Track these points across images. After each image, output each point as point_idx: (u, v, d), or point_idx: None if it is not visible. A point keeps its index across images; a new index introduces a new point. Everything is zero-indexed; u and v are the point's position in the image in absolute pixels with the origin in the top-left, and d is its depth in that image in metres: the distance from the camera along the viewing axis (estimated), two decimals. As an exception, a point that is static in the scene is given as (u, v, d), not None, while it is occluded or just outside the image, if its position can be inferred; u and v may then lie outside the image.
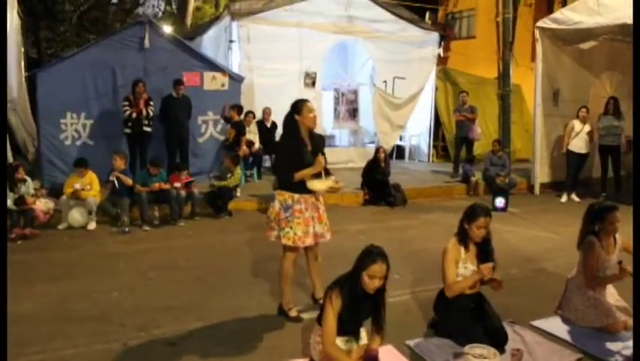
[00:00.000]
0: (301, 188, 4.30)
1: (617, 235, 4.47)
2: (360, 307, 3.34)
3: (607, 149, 10.34)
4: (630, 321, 4.32)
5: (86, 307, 4.70)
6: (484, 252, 4.12)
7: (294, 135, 4.37)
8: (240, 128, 9.70)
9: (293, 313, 4.54)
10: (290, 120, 4.43)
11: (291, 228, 4.32)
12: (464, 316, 4.06)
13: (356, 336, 3.51)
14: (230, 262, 6.21)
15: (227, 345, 4.04)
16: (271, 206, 4.49)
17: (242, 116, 10.01)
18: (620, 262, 4.30)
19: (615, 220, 4.34)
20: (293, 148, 4.34)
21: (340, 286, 3.30)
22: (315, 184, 4.31)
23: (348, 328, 3.36)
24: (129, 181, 7.76)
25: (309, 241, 4.39)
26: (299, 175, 4.25)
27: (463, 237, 4.14)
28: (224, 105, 9.80)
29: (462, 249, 4.13)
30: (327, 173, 4.44)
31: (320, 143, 4.53)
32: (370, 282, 3.25)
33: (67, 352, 3.86)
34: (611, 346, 4.10)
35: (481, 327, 3.96)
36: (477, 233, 4.06)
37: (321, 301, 4.56)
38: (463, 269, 4.10)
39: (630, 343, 4.11)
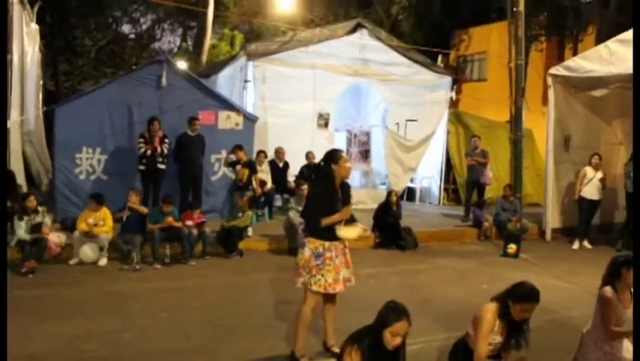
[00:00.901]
0: (331, 235, 4.40)
1: (632, 289, 4.42)
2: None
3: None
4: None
5: (97, 348, 4.69)
6: (518, 329, 3.93)
7: (329, 183, 4.47)
8: (252, 167, 9.77)
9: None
10: (326, 169, 4.51)
11: (322, 275, 4.41)
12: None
13: None
14: (242, 304, 6.19)
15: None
16: (300, 253, 4.55)
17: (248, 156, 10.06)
18: None
19: None
20: (327, 196, 4.46)
21: (359, 342, 3.25)
22: (344, 232, 4.44)
23: None
24: (144, 210, 7.94)
25: (340, 288, 4.51)
26: (327, 221, 4.36)
27: (504, 312, 3.89)
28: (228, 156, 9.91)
29: (498, 321, 3.92)
30: (353, 220, 4.63)
31: (348, 192, 4.62)
32: (392, 339, 3.21)
33: (78, 396, 3.83)
34: (628, 404, 4.03)
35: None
36: (520, 315, 3.87)
37: (333, 349, 4.56)
38: (490, 339, 4.00)
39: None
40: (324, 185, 4.52)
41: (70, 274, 7.08)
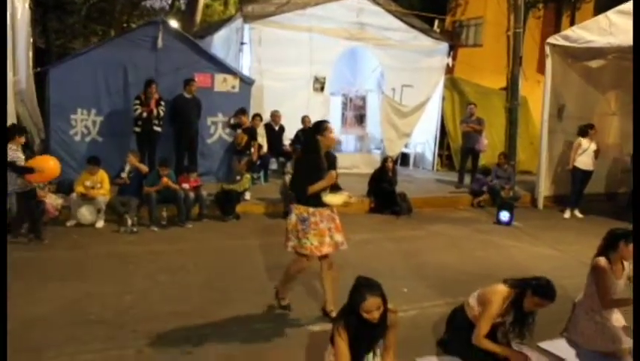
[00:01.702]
0: (316, 202, 4.56)
1: (624, 262, 4.52)
2: (369, 334, 3.38)
3: None
4: (636, 347, 4.40)
5: (98, 311, 4.74)
6: (522, 319, 3.97)
7: (314, 153, 4.62)
8: (252, 134, 9.75)
9: (285, 303, 5.00)
10: (311, 139, 4.68)
11: (307, 239, 4.58)
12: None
13: (368, 355, 3.55)
14: (239, 267, 6.26)
15: (240, 356, 4.10)
16: (289, 219, 4.69)
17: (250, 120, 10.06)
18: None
19: None
20: (312, 165, 4.63)
21: (344, 319, 3.32)
22: (330, 198, 4.57)
23: (359, 353, 3.38)
24: (145, 168, 8.05)
25: (326, 250, 4.65)
26: (312, 188, 4.53)
27: (517, 298, 3.94)
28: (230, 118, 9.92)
29: (507, 308, 3.99)
30: (338, 189, 4.80)
31: (333, 161, 4.76)
32: (369, 315, 3.25)
33: (83, 357, 3.91)
34: (617, 371, 4.17)
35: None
36: (532, 307, 3.94)
37: (332, 314, 4.66)
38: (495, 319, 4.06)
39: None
40: (309, 155, 4.68)
41: (69, 236, 7.12)
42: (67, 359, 3.88)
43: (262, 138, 10.51)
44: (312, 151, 4.64)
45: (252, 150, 9.77)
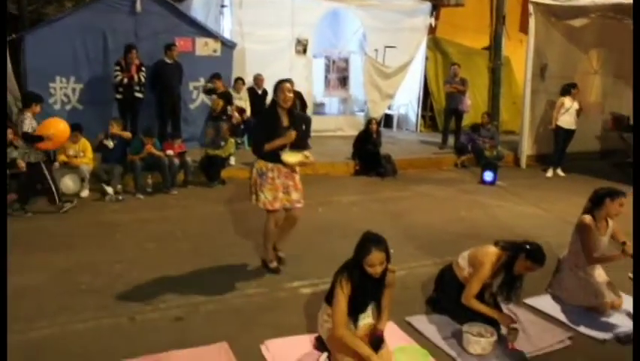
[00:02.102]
0: (275, 158, 4.76)
1: (608, 219, 4.61)
2: (367, 290, 3.43)
3: None
4: (617, 301, 4.52)
5: (88, 280, 4.75)
6: (511, 281, 4.02)
7: (270, 111, 4.88)
8: (227, 99, 9.65)
9: (273, 265, 5.11)
10: (272, 99, 4.93)
11: (262, 192, 4.82)
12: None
13: (362, 315, 3.61)
14: (227, 232, 6.27)
15: (232, 321, 4.14)
16: (251, 173, 4.92)
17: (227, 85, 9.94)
18: (623, 243, 4.45)
19: (622, 204, 4.47)
20: (268, 123, 4.85)
21: (348, 272, 3.37)
22: (286, 157, 4.75)
23: (356, 309, 3.45)
24: (128, 135, 7.99)
25: (277, 206, 4.86)
26: (269, 146, 4.72)
27: (509, 261, 3.97)
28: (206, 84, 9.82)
29: (498, 270, 4.04)
30: (304, 148, 4.94)
31: (299, 121, 4.92)
32: (372, 269, 3.32)
33: (76, 326, 3.92)
34: (600, 325, 4.29)
35: (478, 306, 4.09)
36: (522, 270, 3.96)
37: (279, 254, 5.17)
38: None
39: (618, 322, 4.33)
40: (266, 112, 5.02)
41: (54, 206, 7.03)
42: (60, 328, 3.89)
43: (245, 102, 10.43)
44: (269, 110, 4.92)
45: (233, 114, 9.66)
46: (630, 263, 4.49)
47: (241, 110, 10.18)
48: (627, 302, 4.55)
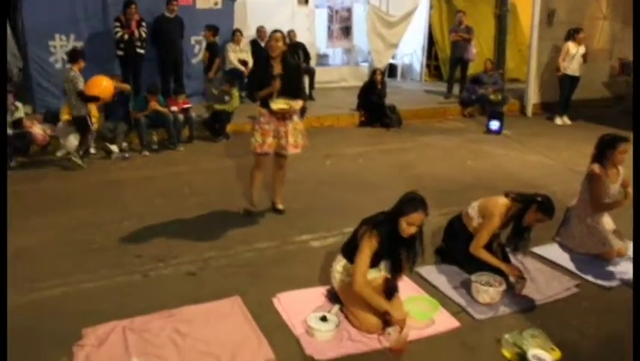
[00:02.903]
0: (267, 105, 4.97)
1: (619, 166, 4.60)
2: (393, 248, 3.46)
3: None
4: (624, 248, 4.56)
5: (99, 239, 4.80)
6: (520, 233, 4.06)
7: (262, 60, 5.21)
8: (213, 50, 9.51)
9: (249, 208, 5.39)
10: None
11: (254, 136, 5.09)
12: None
13: (377, 268, 3.65)
14: (234, 186, 6.27)
15: (244, 275, 4.19)
16: None
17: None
18: (625, 188, 4.47)
19: (624, 151, 4.46)
20: (259, 71, 5.23)
21: (378, 228, 3.36)
22: (271, 104, 4.91)
23: (374, 262, 3.48)
24: (127, 87, 7.91)
25: (265, 149, 5.07)
26: (260, 94, 4.98)
27: (519, 213, 3.99)
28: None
29: (507, 219, 4.07)
30: (296, 96, 5.00)
31: (290, 70, 4.98)
32: (408, 228, 3.33)
33: (90, 285, 3.98)
34: (606, 272, 4.34)
35: (487, 256, 4.13)
36: (532, 222, 3.99)
37: (277, 207, 5.44)
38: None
39: (624, 268, 4.38)
40: (260, 61, 5.40)
41: (59, 166, 7.06)
42: (73, 287, 3.94)
43: (247, 54, 10.30)
44: (263, 59, 5.17)
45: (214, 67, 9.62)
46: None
47: (244, 63, 10.08)
48: (632, 248, 4.59)
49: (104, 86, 7.14)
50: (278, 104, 4.89)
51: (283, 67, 4.94)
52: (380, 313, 3.36)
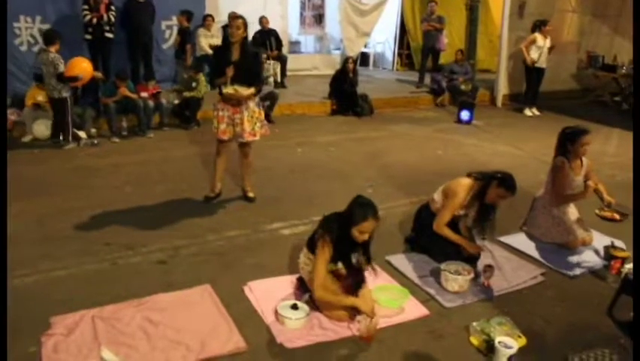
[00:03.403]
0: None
1: (583, 158, 4.70)
2: (349, 251, 3.45)
3: None
4: (588, 238, 4.68)
5: (68, 226, 4.73)
6: (485, 213, 4.15)
7: (222, 46, 5.31)
8: (185, 35, 9.41)
9: (210, 193, 5.43)
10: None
11: (214, 123, 5.14)
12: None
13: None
14: (205, 174, 6.20)
15: (214, 263, 4.18)
16: None
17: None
18: (585, 181, 4.57)
19: (586, 143, 4.55)
20: (218, 57, 5.30)
21: (330, 233, 3.34)
22: (224, 90, 4.99)
23: (336, 258, 3.48)
24: (100, 75, 7.76)
25: (224, 137, 5.11)
26: (217, 81, 5.08)
27: (481, 191, 4.08)
28: None
29: (470, 198, 4.14)
30: (252, 83, 5.00)
31: (248, 57, 4.97)
32: (360, 236, 3.33)
33: (59, 273, 3.92)
34: (571, 260, 4.44)
35: (456, 245, 4.20)
36: (494, 199, 4.07)
37: (248, 194, 5.47)
38: (456, 212, 4.20)
39: (588, 257, 4.49)
40: (219, 47, 5.53)
41: (27, 152, 6.95)
42: (42, 276, 3.88)
43: (217, 40, 10.18)
44: (222, 44, 5.22)
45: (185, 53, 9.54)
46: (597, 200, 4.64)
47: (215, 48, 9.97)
48: (596, 239, 4.71)
49: (83, 66, 7.10)
50: (226, 89, 4.93)
51: (240, 54, 4.94)
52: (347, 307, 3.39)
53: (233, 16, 5.04)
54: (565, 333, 3.46)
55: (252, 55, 5.04)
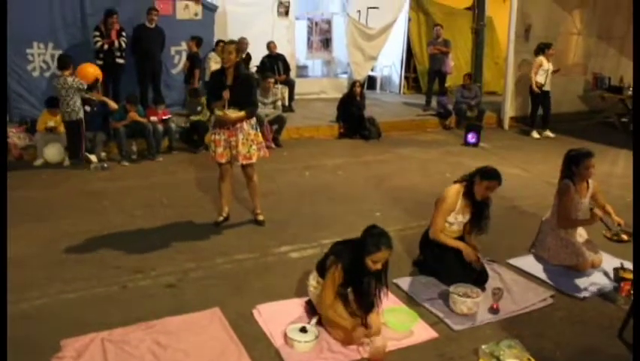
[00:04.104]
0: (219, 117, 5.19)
1: (590, 180, 4.70)
2: (361, 279, 3.45)
3: None
4: (597, 260, 4.66)
5: (77, 249, 4.77)
6: (480, 212, 4.24)
7: (217, 72, 5.32)
8: (194, 60, 9.53)
9: (218, 218, 5.46)
10: None
11: (211, 147, 5.27)
12: (449, 256, 4.29)
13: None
14: (213, 198, 6.23)
15: (223, 286, 4.20)
16: None
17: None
18: (591, 209, 4.56)
19: (590, 166, 4.55)
20: (213, 82, 5.41)
21: (342, 263, 3.36)
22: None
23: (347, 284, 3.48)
24: (114, 105, 7.78)
25: (221, 160, 5.20)
26: (213, 105, 5.25)
27: (468, 190, 4.21)
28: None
29: (461, 200, 4.24)
30: (246, 106, 5.08)
31: (241, 81, 5.06)
32: (373, 265, 3.33)
33: (69, 296, 3.95)
34: (580, 283, 4.42)
35: (464, 267, 4.20)
36: (483, 192, 4.17)
37: (258, 217, 5.49)
38: (453, 218, 4.27)
39: (597, 280, 4.47)
40: (215, 72, 5.48)
41: (38, 175, 7.02)
42: (51, 299, 3.91)
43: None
44: (218, 70, 5.29)
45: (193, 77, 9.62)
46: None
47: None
48: (605, 260, 4.69)
49: (91, 68, 7.56)
50: (217, 112, 5.08)
51: (234, 78, 5.04)
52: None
53: (227, 42, 5.18)
54: (575, 356, 3.44)
55: (243, 78, 5.10)
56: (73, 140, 7.30)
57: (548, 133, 10.48)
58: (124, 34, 8.69)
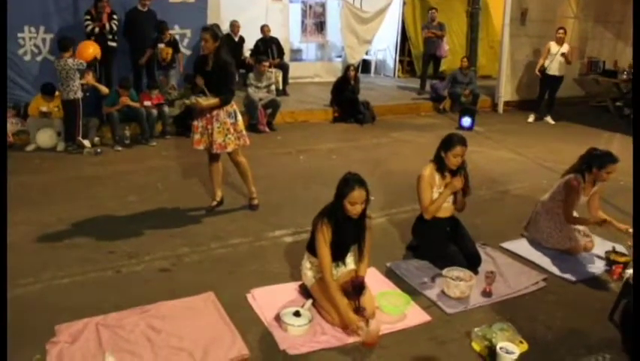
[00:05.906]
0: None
1: (596, 181, 4.64)
2: (347, 232, 3.51)
3: None
4: (589, 244, 4.68)
5: (71, 235, 4.76)
6: (457, 175, 4.31)
7: (200, 59, 5.26)
8: (175, 47, 9.42)
9: (213, 204, 5.45)
10: None
11: (192, 132, 5.30)
12: (441, 239, 4.32)
13: (343, 261, 3.72)
14: (207, 182, 6.22)
15: (217, 270, 4.21)
16: None
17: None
18: (604, 220, 4.49)
19: (612, 171, 4.46)
20: (195, 69, 5.46)
21: (327, 216, 3.45)
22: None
23: (337, 254, 3.54)
24: (105, 90, 7.75)
25: (199, 147, 5.23)
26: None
27: (439, 165, 4.29)
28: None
29: (437, 176, 4.30)
30: (219, 92, 5.00)
31: (217, 67, 4.99)
32: (352, 208, 3.40)
33: (63, 281, 3.95)
34: (572, 266, 4.44)
35: (457, 250, 4.22)
36: (453, 161, 4.22)
37: (254, 201, 5.51)
38: (437, 194, 4.29)
39: (589, 263, 4.51)
40: (197, 59, 5.42)
41: (31, 161, 6.98)
42: (45, 284, 3.91)
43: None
44: (201, 57, 5.23)
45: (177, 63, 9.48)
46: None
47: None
48: (598, 244, 4.71)
49: (91, 47, 7.76)
50: (191, 100, 5.16)
51: (213, 64, 5.01)
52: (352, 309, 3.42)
53: (202, 28, 5.14)
54: (566, 338, 3.47)
55: (220, 65, 5.02)
56: (72, 120, 7.30)
57: (549, 120, 10.31)
58: (115, 17, 8.58)
